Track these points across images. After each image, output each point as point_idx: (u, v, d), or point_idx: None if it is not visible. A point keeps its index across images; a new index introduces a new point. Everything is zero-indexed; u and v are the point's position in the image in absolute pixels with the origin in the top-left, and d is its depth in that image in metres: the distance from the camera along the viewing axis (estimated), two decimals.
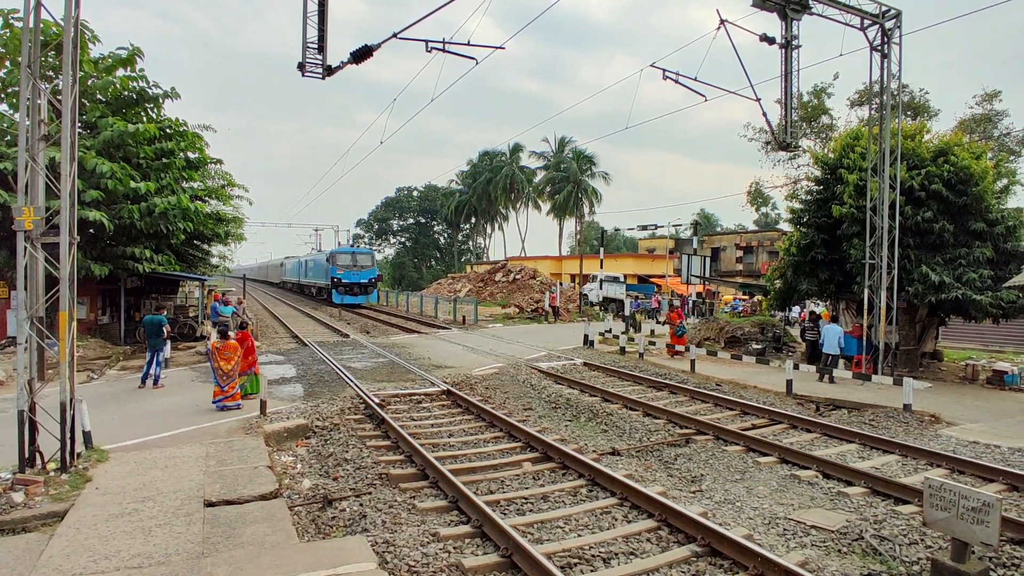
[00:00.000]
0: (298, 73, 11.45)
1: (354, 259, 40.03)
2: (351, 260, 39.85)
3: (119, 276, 17.99)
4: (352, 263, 39.36)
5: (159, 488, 6.80)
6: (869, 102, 17.14)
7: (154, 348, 12.78)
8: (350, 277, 38.78)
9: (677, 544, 5.89)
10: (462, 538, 5.96)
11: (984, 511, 4.83)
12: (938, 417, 11.32)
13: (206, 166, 21.79)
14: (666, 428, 10.41)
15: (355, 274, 38.92)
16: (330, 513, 6.56)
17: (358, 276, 39.09)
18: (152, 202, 16.47)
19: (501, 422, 10.20)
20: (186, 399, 11.62)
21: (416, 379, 14.19)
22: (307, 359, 17.17)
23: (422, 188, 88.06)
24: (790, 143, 15.17)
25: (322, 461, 8.41)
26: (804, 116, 31.10)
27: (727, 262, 52.15)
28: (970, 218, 15.02)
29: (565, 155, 65.25)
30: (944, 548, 5.52)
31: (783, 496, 7.30)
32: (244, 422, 9.88)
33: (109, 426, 9.21)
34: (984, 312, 14.91)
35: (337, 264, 38.91)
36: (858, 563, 5.58)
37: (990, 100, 30.21)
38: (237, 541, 5.56)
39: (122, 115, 17.07)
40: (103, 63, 17.09)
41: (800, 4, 13.61)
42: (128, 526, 5.82)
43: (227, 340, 11.09)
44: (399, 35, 11.64)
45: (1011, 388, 14.58)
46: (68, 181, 7.13)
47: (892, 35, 14.35)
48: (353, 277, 38.82)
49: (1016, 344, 22.21)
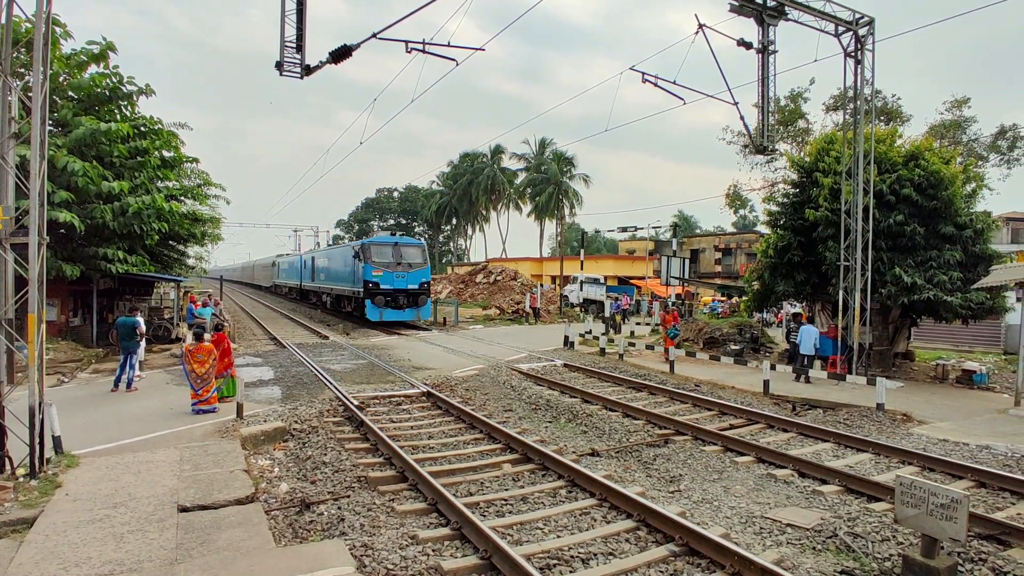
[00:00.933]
0: (276, 72, 11.35)
1: (398, 253, 27.29)
2: (394, 255, 27.19)
3: (91, 277, 17.61)
4: (395, 259, 26.98)
5: (131, 493, 6.66)
6: (843, 107, 17.47)
7: (127, 351, 12.54)
8: (393, 281, 26.41)
9: (655, 544, 5.93)
10: (441, 540, 5.93)
11: (953, 507, 4.94)
12: (910, 416, 11.56)
13: (182, 165, 21.46)
14: (645, 429, 10.48)
15: (401, 276, 26.63)
16: (308, 517, 6.49)
17: (406, 280, 26.77)
18: (125, 202, 16.15)
19: (481, 424, 10.18)
20: (160, 402, 11.42)
21: (396, 381, 14.11)
22: (285, 361, 16.97)
23: (403, 189, 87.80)
24: (767, 147, 15.39)
25: (300, 464, 8.32)
26: (781, 120, 31.60)
27: (706, 264, 52.69)
28: (940, 221, 15.37)
29: (546, 157, 65.44)
30: (915, 544, 5.64)
31: (760, 495, 7.40)
32: (220, 425, 9.74)
33: (80, 430, 9.00)
34: (954, 313, 15.27)
35: (373, 261, 26.31)
36: (832, 560, 5.67)
37: (959, 107, 30.99)
38: (212, 547, 5.48)
39: (95, 113, 16.72)
40: (75, 59, 16.72)
41: (776, 10, 13.82)
42: (99, 532, 5.69)
43: (201, 343, 10.92)
44: (379, 35, 11.59)
45: (979, 387, 14.95)
46: (38, 180, 6.96)
47: (865, 42, 14.64)
48: (398, 281, 26.50)
49: (984, 344, 22.79)
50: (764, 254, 18.63)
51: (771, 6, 13.73)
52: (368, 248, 27.04)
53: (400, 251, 27.56)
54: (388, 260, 26.87)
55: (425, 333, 25.65)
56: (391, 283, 26.38)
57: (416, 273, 27.27)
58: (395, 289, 26.52)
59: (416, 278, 27.24)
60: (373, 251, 26.89)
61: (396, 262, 26.89)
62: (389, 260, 26.89)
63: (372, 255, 26.65)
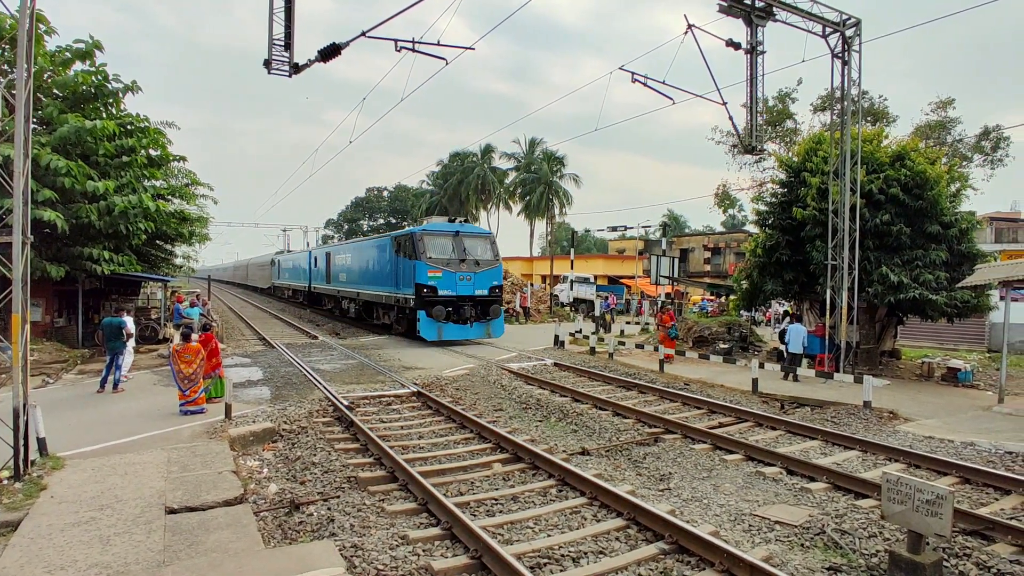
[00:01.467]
0: (265, 70, 11.27)
1: (460, 246, 20.57)
2: (455, 248, 20.48)
3: (76, 277, 17.41)
4: (458, 254, 20.33)
5: (118, 495, 6.59)
6: (831, 107, 17.60)
7: (113, 351, 12.41)
8: (456, 285, 19.90)
9: (645, 542, 5.96)
10: (431, 540, 5.92)
11: (938, 504, 5.00)
12: (896, 413, 11.68)
13: (169, 164, 21.25)
14: (635, 427, 10.52)
15: (466, 279, 20.13)
16: (297, 518, 6.46)
17: (472, 283, 20.30)
18: (111, 201, 15.97)
19: (471, 423, 10.17)
20: (147, 403, 11.30)
21: (386, 381, 14.07)
22: (274, 361, 16.87)
23: (392, 188, 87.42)
24: (756, 147, 15.47)
25: (289, 465, 8.27)
26: (769, 120, 31.78)
27: (695, 263, 52.96)
28: (926, 221, 15.54)
29: (536, 156, 65.44)
30: (901, 540, 5.70)
31: (749, 493, 7.44)
32: (208, 426, 9.66)
33: (65, 432, 8.90)
34: (940, 311, 15.44)
35: (429, 257, 19.67)
36: (820, 557, 5.72)
37: (944, 108, 31.29)
38: (200, 549, 5.43)
39: (80, 110, 16.53)
40: (60, 56, 16.52)
41: (764, 11, 13.90)
42: (85, 535, 5.63)
43: (188, 343, 10.83)
44: (368, 34, 11.53)
45: (964, 385, 15.14)
46: (21, 179, 6.87)
47: (852, 43, 14.76)
48: (462, 285, 20.04)
49: (969, 342, 23.07)
50: (753, 253, 18.75)
51: (759, 7, 13.81)
52: (420, 239, 19.72)
53: (463, 243, 20.48)
54: (448, 255, 20.02)
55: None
56: (452, 288, 19.69)
57: (486, 274, 20.46)
58: (458, 297, 19.77)
59: (485, 280, 20.37)
60: (427, 243, 19.74)
61: (459, 258, 20.07)
62: (449, 255, 20.01)
63: (426, 248, 19.59)
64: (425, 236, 20.18)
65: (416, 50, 12.27)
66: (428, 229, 20.74)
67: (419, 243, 19.96)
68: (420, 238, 20.05)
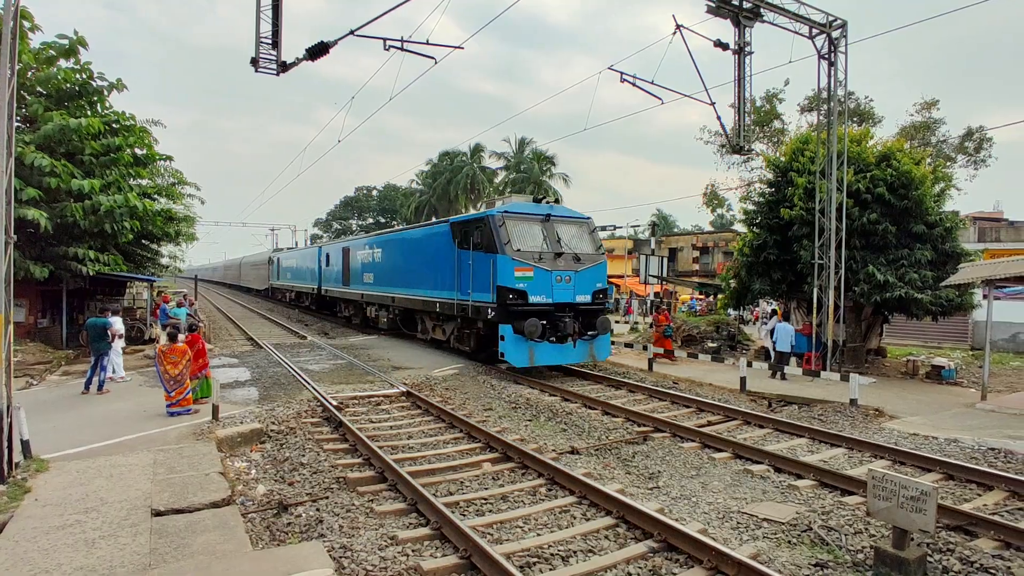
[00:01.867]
0: (252, 68, 11.20)
1: (554, 235, 15.31)
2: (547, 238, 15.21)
3: (61, 277, 17.20)
4: (553, 247, 15.01)
5: (103, 498, 6.52)
6: (817, 108, 17.76)
7: (98, 352, 12.27)
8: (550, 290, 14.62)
9: (634, 540, 5.98)
10: (421, 540, 5.91)
11: (922, 500, 5.06)
12: (882, 411, 11.81)
13: (155, 163, 21.05)
14: (624, 426, 10.56)
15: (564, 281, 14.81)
16: (285, 519, 6.42)
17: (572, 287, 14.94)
18: (97, 200, 15.79)
19: (461, 423, 10.16)
20: (133, 405, 11.19)
21: (375, 381, 14.02)
22: (262, 362, 16.76)
23: (381, 188, 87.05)
24: (743, 146, 15.58)
25: (277, 466, 8.23)
26: (757, 120, 31.99)
27: (684, 262, 53.20)
28: (911, 220, 15.72)
29: (525, 156, 65.49)
30: (886, 536, 5.76)
31: (737, 490, 7.49)
32: (195, 427, 9.58)
33: (50, 434, 8.79)
34: (925, 310, 15.63)
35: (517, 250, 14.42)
36: (807, 553, 5.77)
37: (928, 109, 31.66)
38: (187, 551, 5.39)
39: (64, 108, 16.33)
40: (44, 53, 16.32)
41: (752, 12, 14.00)
42: (70, 538, 5.57)
43: (174, 343, 10.74)
44: (356, 32, 11.48)
45: (948, 382, 15.34)
46: (4, 177, 6.78)
47: (838, 44, 14.90)
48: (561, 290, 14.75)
49: (953, 340, 23.38)
50: (741, 252, 18.88)
51: (747, 8, 13.91)
52: (501, 225, 14.29)
53: (555, 230, 15.06)
54: (538, 247, 14.64)
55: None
56: (547, 292, 14.35)
57: (589, 273, 14.98)
58: (555, 305, 14.39)
59: (588, 282, 14.92)
60: (511, 230, 14.38)
61: (553, 251, 14.61)
62: (540, 247, 14.64)
63: (511, 237, 14.21)
64: (508, 220, 14.38)
65: (405, 49, 12.24)
66: (511, 211, 14.75)
67: (500, 230, 14.15)
68: (501, 223, 14.26)
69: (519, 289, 14.01)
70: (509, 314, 13.95)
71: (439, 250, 17.29)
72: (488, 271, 14.44)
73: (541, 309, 14.25)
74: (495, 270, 14.19)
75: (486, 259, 14.58)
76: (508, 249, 14.14)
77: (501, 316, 14.01)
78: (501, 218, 14.57)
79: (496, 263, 14.17)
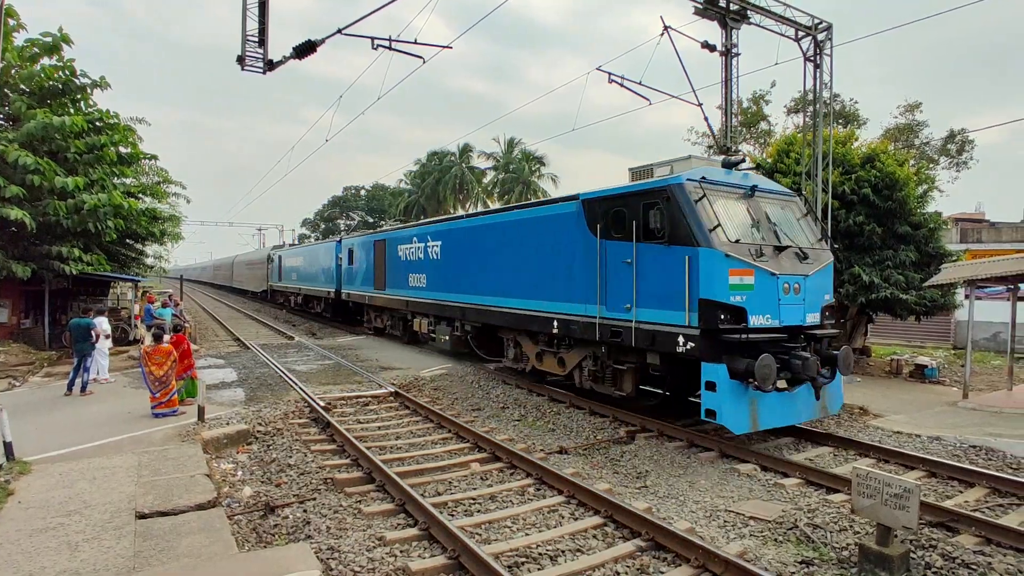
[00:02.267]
0: (238, 66, 11.12)
1: (762, 216, 9.44)
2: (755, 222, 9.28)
3: (44, 277, 16.98)
4: (767, 236, 9.21)
5: (87, 501, 6.45)
6: (803, 110, 17.92)
7: (81, 353, 12.12)
8: (775, 305, 8.76)
9: (623, 539, 6.01)
10: (409, 541, 5.90)
11: (905, 497, 5.12)
12: (866, 409, 11.94)
13: (140, 162, 20.82)
14: (612, 426, 10.58)
15: (792, 289, 8.95)
16: (272, 521, 6.38)
17: (802, 298, 9.11)
18: (80, 199, 15.60)
19: (449, 423, 10.15)
20: (118, 406, 11.07)
21: (363, 381, 13.96)
22: (249, 362, 16.63)
23: (369, 187, 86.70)
24: (731, 148, 15.67)
25: (264, 467, 8.17)
26: (744, 122, 32.24)
27: None
28: (896, 221, 15.90)
29: (514, 156, 65.51)
30: (870, 533, 5.83)
31: (723, 489, 7.55)
32: (180, 429, 9.49)
33: (33, 436, 8.68)
34: (909, 310, 15.82)
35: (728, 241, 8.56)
36: (793, 551, 5.83)
37: (912, 111, 32.09)
38: (171, 554, 5.34)
39: (47, 106, 16.12)
40: (28, 50, 16.10)
41: (739, 14, 14.10)
42: (53, 541, 5.50)
43: (159, 344, 10.63)
44: (344, 31, 11.42)
45: (931, 381, 15.55)
46: None
47: (824, 46, 15.04)
48: (789, 306, 8.93)
49: (936, 339, 23.70)
50: None
51: (734, 9, 14.00)
52: (697, 199, 8.82)
53: (762, 209, 9.72)
54: (750, 235, 9.21)
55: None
56: (773, 310, 8.94)
57: (818, 278, 9.70)
58: (782, 328, 9.04)
59: (817, 293, 9.64)
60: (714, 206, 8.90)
61: (773, 244, 9.27)
62: (752, 236, 9.23)
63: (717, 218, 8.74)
64: (708, 192, 8.98)
65: (393, 48, 12.20)
66: (709, 178, 9.28)
67: (698, 208, 8.81)
68: (699, 196, 8.88)
69: (735, 305, 8.50)
70: (721, 346, 8.52)
71: (559, 241, 11.77)
72: (679, 275, 8.85)
73: (768, 335, 8.84)
74: (696, 273, 8.62)
75: (672, 256, 9.02)
76: (717, 239, 8.56)
77: (708, 349, 8.53)
78: (698, 188, 8.95)
79: (698, 262, 8.61)
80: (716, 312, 8.45)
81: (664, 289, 9.20)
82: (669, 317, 9.08)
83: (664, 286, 9.21)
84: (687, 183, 9.08)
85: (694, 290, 8.65)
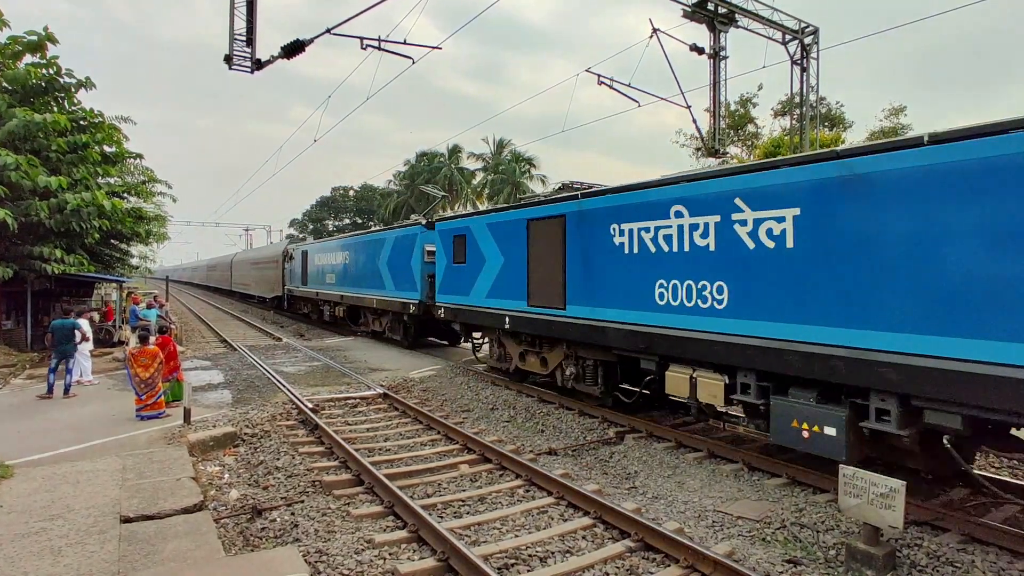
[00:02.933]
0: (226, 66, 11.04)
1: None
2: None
3: (25, 278, 16.73)
4: None
5: (70, 505, 6.36)
6: (790, 112, 18.08)
7: (63, 355, 11.96)
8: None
9: (612, 540, 6.01)
10: (398, 543, 5.87)
11: (891, 496, 5.17)
12: None
13: (124, 161, 20.59)
14: (601, 427, 10.60)
15: None
16: (259, 524, 6.32)
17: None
18: (63, 198, 15.40)
19: (438, 425, 10.12)
20: (102, 409, 10.93)
21: (352, 383, 13.89)
22: (236, 364, 16.49)
23: (358, 188, 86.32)
24: (719, 149, 15.80)
25: (251, 470, 8.09)
26: (731, 124, 32.47)
27: None
28: None
29: (504, 157, 65.54)
30: (857, 532, 5.88)
31: (712, 489, 7.58)
32: (166, 432, 9.39)
33: (14, 439, 8.55)
34: None
35: None
36: (780, 550, 5.86)
37: (896, 114, 32.46)
38: (157, 558, 5.27)
39: (30, 105, 15.90)
40: (11, 49, 15.87)
41: (727, 17, 14.22)
42: (35, 546, 5.41)
43: (145, 346, 10.51)
44: (333, 31, 11.37)
45: None
46: None
47: (811, 50, 15.20)
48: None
49: None
50: None
51: (722, 13, 14.12)
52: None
53: None
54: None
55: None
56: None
57: None
58: None
59: None
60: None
61: None
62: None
63: None
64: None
65: (382, 48, 12.15)
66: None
67: None
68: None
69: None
70: None
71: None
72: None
73: None
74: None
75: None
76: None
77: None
78: None
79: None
80: None
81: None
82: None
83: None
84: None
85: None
